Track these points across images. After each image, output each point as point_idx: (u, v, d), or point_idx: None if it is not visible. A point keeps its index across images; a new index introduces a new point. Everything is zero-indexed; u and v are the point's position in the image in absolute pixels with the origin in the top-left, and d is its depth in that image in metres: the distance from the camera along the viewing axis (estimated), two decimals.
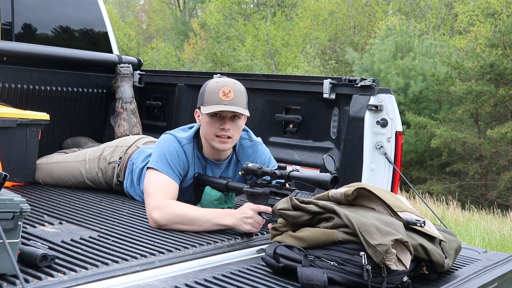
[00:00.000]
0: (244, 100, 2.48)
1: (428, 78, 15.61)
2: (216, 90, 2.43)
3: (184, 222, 2.27)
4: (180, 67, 24.73)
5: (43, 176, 3.06)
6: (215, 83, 2.47)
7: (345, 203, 1.94)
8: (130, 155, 2.91)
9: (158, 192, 2.36)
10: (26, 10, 3.54)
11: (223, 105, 2.40)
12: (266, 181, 2.35)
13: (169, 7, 33.91)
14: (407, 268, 1.76)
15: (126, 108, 3.61)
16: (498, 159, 14.70)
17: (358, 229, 1.74)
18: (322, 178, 2.14)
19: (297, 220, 1.92)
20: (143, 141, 3.04)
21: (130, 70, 3.77)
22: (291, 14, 26.69)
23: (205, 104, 2.44)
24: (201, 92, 2.50)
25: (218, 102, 2.41)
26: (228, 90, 2.42)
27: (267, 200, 2.30)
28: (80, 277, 1.66)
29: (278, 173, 2.27)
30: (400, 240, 1.74)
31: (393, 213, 1.89)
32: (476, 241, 6.42)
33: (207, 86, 2.49)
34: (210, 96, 2.43)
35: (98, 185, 3.01)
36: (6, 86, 3.30)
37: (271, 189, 2.31)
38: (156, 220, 2.27)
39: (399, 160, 2.83)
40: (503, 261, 2.32)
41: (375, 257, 1.70)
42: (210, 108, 2.41)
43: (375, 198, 1.92)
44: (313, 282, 1.73)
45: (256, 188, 2.36)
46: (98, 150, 3.04)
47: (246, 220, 2.24)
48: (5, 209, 1.53)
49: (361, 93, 2.84)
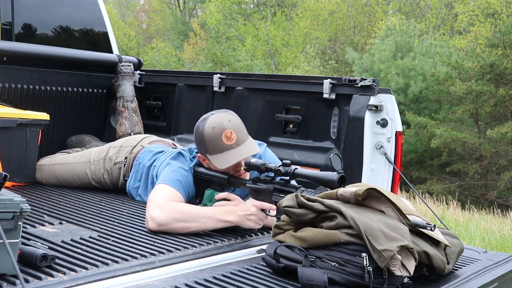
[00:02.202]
0: (244, 131, 2.43)
1: (428, 78, 15.61)
2: (217, 137, 2.36)
3: (186, 219, 2.20)
4: (180, 67, 24.74)
5: (46, 177, 3.05)
6: (212, 129, 2.37)
7: (353, 202, 1.92)
8: (135, 155, 2.90)
9: (162, 198, 2.29)
10: (26, 10, 3.54)
11: (232, 149, 2.36)
12: (269, 177, 2.30)
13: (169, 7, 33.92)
14: (411, 274, 1.75)
15: (127, 106, 3.61)
16: (498, 159, 14.70)
17: (364, 233, 1.73)
18: (329, 177, 2.08)
19: (302, 218, 1.90)
20: (148, 140, 3.02)
21: (131, 69, 3.77)
22: (291, 14, 26.69)
23: (211, 153, 2.38)
24: (200, 141, 2.42)
25: (226, 148, 2.36)
26: (230, 132, 2.36)
27: (271, 196, 2.25)
28: (80, 277, 1.66)
29: (283, 170, 2.21)
30: (406, 247, 1.73)
31: (402, 215, 1.88)
32: (476, 241, 6.42)
33: (204, 134, 2.38)
34: (213, 145, 2.37)
35: (104, 186, 3.00)
36: (6, 86, 3.30)
37: (275, 186, 2.25)
38: (155, 218, 2.18)
39: (399, 160, 2.82)
40: (503, 261, 2.31)
41: (380, 262, 1.70)
42: (223, 160, 2.36)
43: (385, 200, 1.90)
44: (313, 282, 1.73)
45: (260, 184, 2.30)
46: (102, 150, 3.03)
47: (249, 217, 2.22)
48: (5, 209, 1.53)
49: (361, 93, 2.84)
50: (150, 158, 2.77)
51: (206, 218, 2.23)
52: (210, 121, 2.40)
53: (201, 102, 3.60)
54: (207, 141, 2.38)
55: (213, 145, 2.37)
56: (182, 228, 2.21)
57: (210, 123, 2.39)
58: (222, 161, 2.37)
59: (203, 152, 2.43)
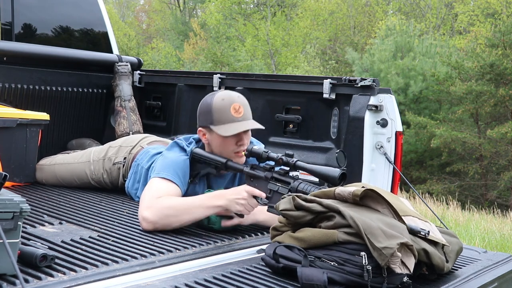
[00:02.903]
0: (250, 111, 2.46)
1: (428, 78, 15.61)
2: (226, 108, 2.37)
3: (176, 213, 2.18)
4: (180, 67, 24.74)
5: (46, 177, 3.05)
6: (221, 100, 2.39)
7: (351, 202, 1.93)
8: (134, 155, 2.90)
9: (152, 196, 2.26)
10: (26, 10, 3.54)
11: (239, 122, 2.37)
12: (269, 166, 2.28)
13: (169, 7, 33.92)
14: (411, 272, 1.75)
15: (125, 106, 3.61)
16: (498, 159, 14.70)
17: (364, 232, 1.73)
18: (331, 173, 2.08)
19: (300, 220, 1.90)
20: (147, 140, 3.01)
21: (128, 68, 3.78)
22: (291, 14, 26.69)
23: (216, 123, 2.38)
24: (206, 111, 2.41)
25: (232, 120, 2.36)
26: (238, 106, 2.38)
27: (267, 184, 2.24)
28: (80, 277, 1.66)
29: (285, 159, 2.20)
30: (405, 244, 1.74)
31: (397, 217, 1.88)
32: (476, 241, 6.42)
33: (212, 104, 2.39)
34: (220, 115, 2.37)
35: (103, 186, 3.00)
36: (6, 86, 3.30)
37: (273, 175, 2.24)
38: (146, 218, 2.16)
39: (399, 160, 2.83)
40: (503, 261, 2.31)
41: (380, 260, 1.70)
42: (228, 128, 2.35)
43: (382, 200, 1.91)
44: (313, 282, 1.73)
45: (258, 171, 2.29)
46: (102, 150, 3.02)
47: (239, 201, 2.19)
48: (5, 209, 1.53)
49: (361, 93, 2.84)
50: (148, 160, 2.75)
51: (196, 208, 2.20)
52: (220, 93, 2.45)
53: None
54: (215, 111, 2.38)
55: (221, 115, 2.37)
56: (175, 222, 2.19)
57: (220, 95, 2.43)
58: (227, 129, 2.36)
59: (207, 124, 2.41)
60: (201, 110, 2.45)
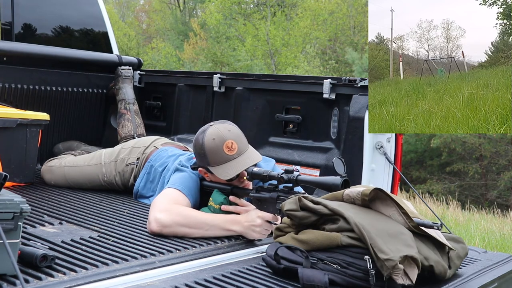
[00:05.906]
0: (244, 141, 2.41)
1: None
2: (218, 148, 2.33)
3: (189, 224, 2.18)
4: (180, 67, 24.73)
5: (56, 179, 3.03)
6: (212, 140, 2.34)
7: (359, 203, 1.92)
8: (148, 156, 2.89)
9: (168, 201, 2.26)
10: (26, 10, 3.54)
11: (235, 159, 2.33)
12: (272, 185, 2.27)
13: (169, 7, 33.91)
14: (413, 283, 1.74)
15: (129, 109, 3.61)
16: (498, 159, 14.71)
17: (369, 241, 1.73)
18: (333, 182, 2.05)
19: (304, 221, 1.89)
20: (161, 142, 3.01)
21: (131, 72, 3.78)
22: (291, 14, 26.69)
23: (213, 165, 2.35)
24: (200, 153, 2.37)
25: (228, 159, 2.33)
26: (231, 143, 2.34)
27: (275, 205, 2.22)
28: (80, 277, 1.66)
29: (286, 178, 2.17)
30: (409, 256, 1.73)
31: (408, 219, 1.87)
32: (476, 241, 6.42)
33: (205, 147, 2.35)
34: (215, 156, 2.34)
35: (114, 187, 2.98)
36: (6, 86, 3.30)
37: (278, 194, 2.22)
38: (159, 220, 2.14)
39: (399, 160, 2.83)
40: (503, 261, 2.31)
41: (382, 271, 1.70)
42: (226, 169, 2.33)
43: (391, 202, 1.90)
44: (313, 283, 1.73)
45: (263, 193, 2.27)
46: (113, 152, 3.01)
47: (255, 229, 2.19)
48: (5, 209, 1.53)
49: (361, 93, 2.84)
50: (163, 162, 2.75)
51: (211, 226, 2.20)
52: (210, 132, 2.37)
53: (201, 102, 3.60)
54: (208, 153, 2.35)
55: (215, 156, 2.34)
56: (185, 233, 2.18)
57: (210, 134, 2.36)
58: (225, 172, 2.33)
59: (205, 165, 2.39)
60: (195, 151, 2.42)
